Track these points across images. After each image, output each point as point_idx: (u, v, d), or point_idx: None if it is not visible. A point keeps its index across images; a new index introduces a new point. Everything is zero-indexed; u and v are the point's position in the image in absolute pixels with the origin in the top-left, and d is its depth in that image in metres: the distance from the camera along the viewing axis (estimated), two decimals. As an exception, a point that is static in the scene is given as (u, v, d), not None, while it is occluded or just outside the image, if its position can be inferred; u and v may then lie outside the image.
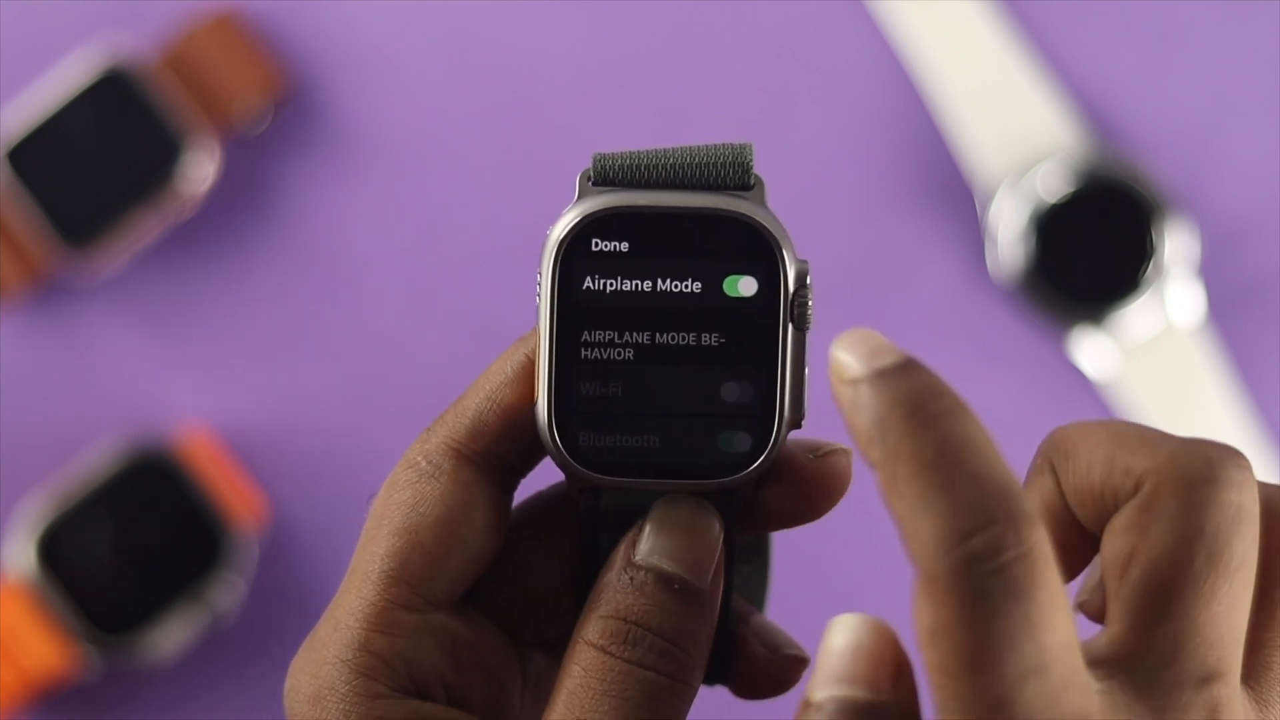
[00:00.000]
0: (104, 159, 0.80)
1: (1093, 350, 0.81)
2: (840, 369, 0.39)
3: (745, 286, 0.44)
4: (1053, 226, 0.81)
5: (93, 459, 0.80)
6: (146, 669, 0.81)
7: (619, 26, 0.82)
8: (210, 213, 0.82)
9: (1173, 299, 0.81)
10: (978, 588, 0.36)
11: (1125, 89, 0.82)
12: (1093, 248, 0.81)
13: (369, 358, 0.82)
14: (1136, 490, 0.40)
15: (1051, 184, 0.80)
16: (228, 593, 0.80)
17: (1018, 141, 0.81)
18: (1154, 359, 0.81)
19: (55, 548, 0.79)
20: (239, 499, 0.80)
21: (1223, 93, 0.82)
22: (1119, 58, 0.82)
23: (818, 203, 0.82)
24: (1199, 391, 0.81)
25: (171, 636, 0.79)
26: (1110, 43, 0.82)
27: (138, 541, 0.80)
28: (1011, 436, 0.83)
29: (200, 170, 0.81)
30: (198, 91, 0.81)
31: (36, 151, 0.80)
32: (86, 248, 0.80)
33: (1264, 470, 0.81)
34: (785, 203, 0.46)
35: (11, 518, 0.81)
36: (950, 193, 0.82)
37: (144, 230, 0.81)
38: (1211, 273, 0.82)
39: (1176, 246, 0.81)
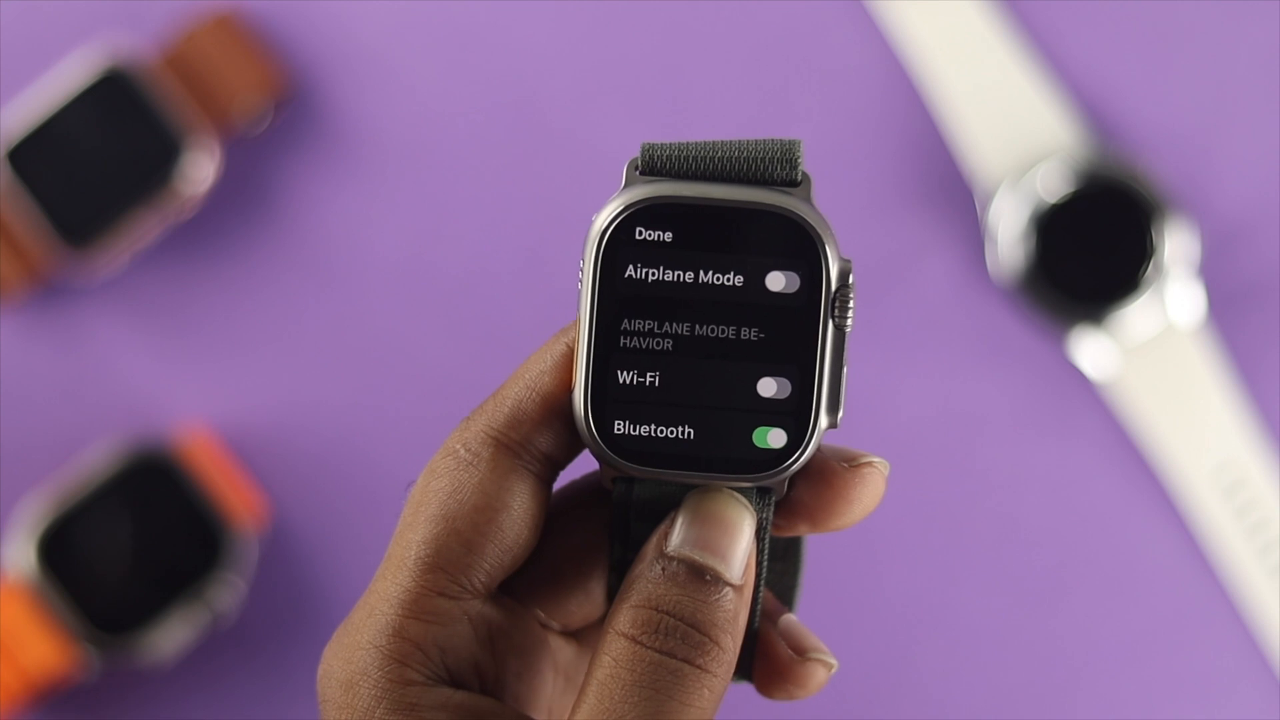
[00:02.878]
0: (104, 159, 0.80)
1: (1093, 350, 0.81)
2: None
3: (788, 282, 0.43)
4: (1053, 226, 0.81)
5: (93, 459, 0.80)
6: (146, 669, 0.81)
7: (619, 27, 0.82)
8: (210, 213, 0.82)
9: (1173, 299, 0.81)
10: None
11: (1125, 89, 0.82)
12: (1093, 248, 0.81)
13: (369, 358, 0.82)
14: None
15: (1051, 184, 0.80)
16: (228, 593, 0.80)
17: (1018, 141, 0.81)
18: (1154, 359, 0.81)
19: (55, 548, 0.79)
20: (239, 499, 0.80)
21: (1223, 93, 0.82)
22: (1119, 58, 0.82)
23: (818, 203, 0.82)
24: (1199, 391, 0.81)
25: (171, 636, 0.79)
26: (1110, 43, 0.82)
27: (138, 541, 0.80)
28: (1011, 436, 0.84)
29: (200, 170, 0.81)
30: (198, 91, 0.81)
31: (36, 151, 0.80)
32: (86, 248, 0.80)
33: (1264, 470, 0.81)
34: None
35: (11, 518, 0.81)
36: (950, 193, 0.82)
37: (144, 230, 0.81)
38: (1211, 273, 0.82)
39: (1176, 246, 0.81)
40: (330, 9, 0.83)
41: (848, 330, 0.44)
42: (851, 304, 0.43)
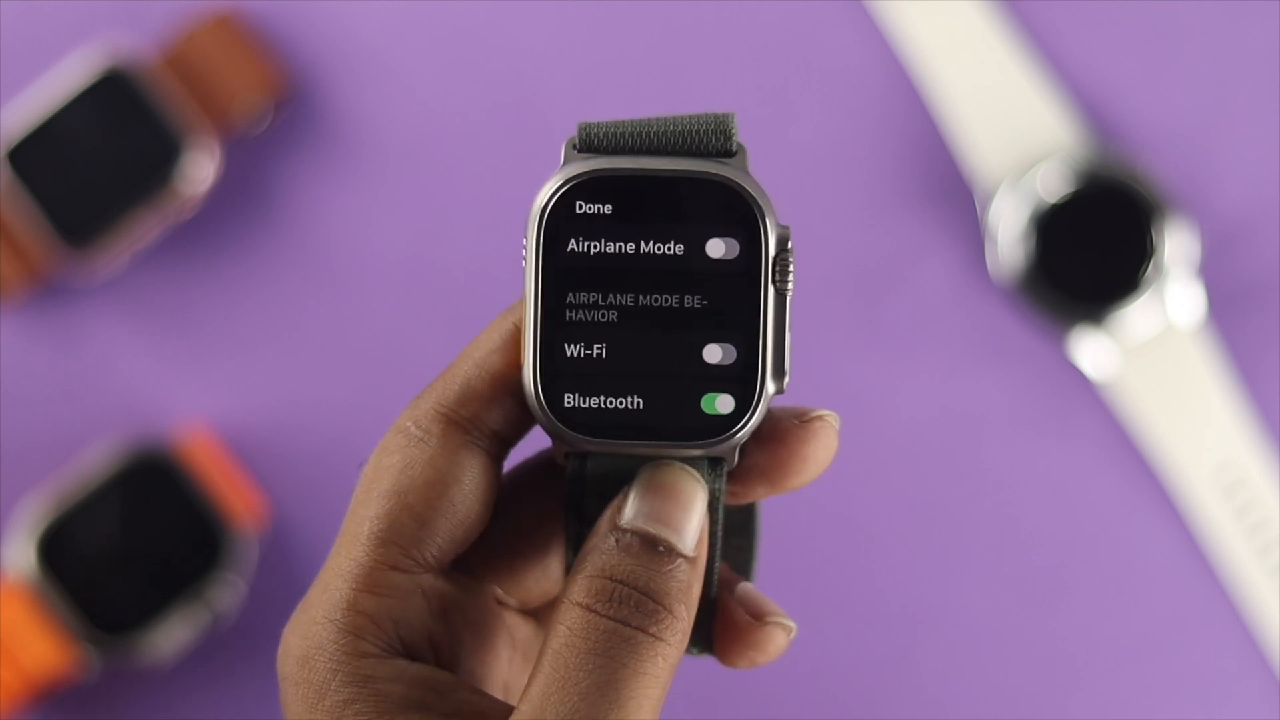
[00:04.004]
0: (104, 159, 0.80)
1: (1093, 350, 0.81)
2: None
3: (727, 249, 0.44)
4: (1053, 226, 0.81)
5: (93, 459, 0.80)
6: (146, 669, 0.81)
7: (618, 26, 0.82)
8: (210, 213, 0.82)
9: (1173, 299, 0.81)
10: None
11: (1125, 89, 0.82)
12: (1093, 248, 0.81)
13: (369, 358, 0.82)
14: None
15: (1051, 184, 0.80)
16: (228, 593, 0.80)
17: (1018, 141, 0.81)
18: (1154, 359, 0.81)
19: (55, 548, 0.79)
20: (239, 499, 0.80)
21: (1223, 93, 0.82)
22: (1119, 58, 0.82)
23: (818, 203, 0.82)
24: (1199, 391, 0.81)
25: (171, 636, 0.79)
26: (1110, 43, 0.82)
27: (138, 541, 0.80)
28: (1011, 436, 0.84)
29: (200, 170, 0.81)
30: (198, 91, 0.81)
31: (36, 151, 0.80)
32: (86, 248, 0.80)
33: (1264, 470, 0.81)
34: (785, 202, 0.46)
35: (11, 518, 0.81)
36: (950, 193, 0.82)
37: (144, 230, 0.81)
38: (1211, 273, 0.82)
39: (1176, 246, 0.81)
40: (330, 9, 0.83)
41: (789, 294, 0.44)
42: (792, 268, 0.44)
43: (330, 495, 0.82)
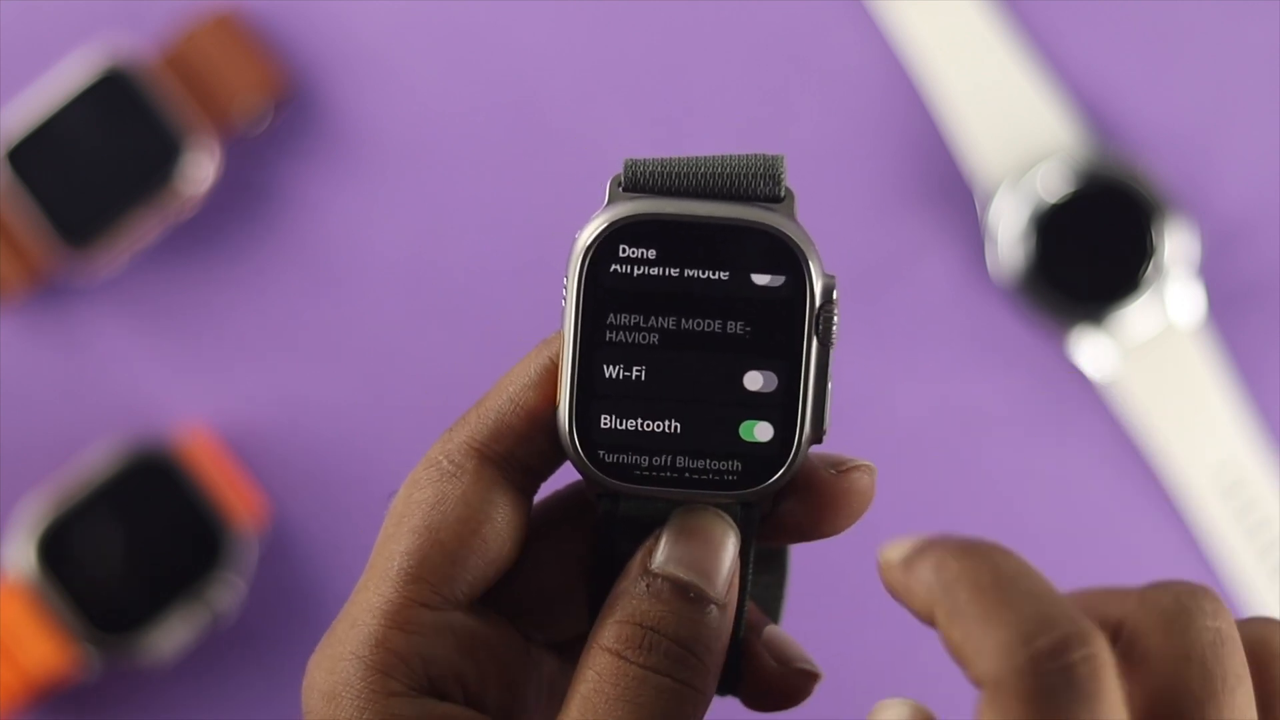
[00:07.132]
0: (104, 159, 0.80)
1: (1093, 350, 0.81)
2: (890, 558, 0.41)
3: (772, 280, 0.44)
4: (1053, 226, 0.81)
5: (93, 459, 0.80)
6: (146, 669, 0.81)
7: (619, 26, 0.82)
8: (210, 213, 0.82)
9: (1173, 299, 0.81)
10: (1045, 686, 0.37)
11: (1125, 89, 0.82)
12: (1093, 248, 0.81)
13: (369, 358, 0.82)
14: (1117, 639, 0.40)
15: (1051, 184, 0.80)
16: (228, 593, 0.80)
17: (1018, 141, 0.81)
18: (1154, 359, 0.81)
19: (55, 548, 0.79)
20: (239, 499, 0.80)
21: (1223, 93, 0.82)
22: (1119, 58, 0.82)
23: (817, 202, 0.82)
24: (1199, 391, 0.81)
25: (171, 636, 0.79)
26: (1110, 43, 0.82)
27: (138, 541, 0.80)
28: (1011, 436, 0.84)
29: (200, 170, 0.81)
30: (198, 91, 0.81)
31: (36, 151, 0.80)
32: (86, 248, 0.80)
33: (1264, 470, 0.81)
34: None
35: (11, 518, 0.81)
36: (950, 193, 0.82)
37: (144, 230, 0.81)
38: (1211, 273, 0.82)
39: (1176, 246, 0.81)
40: (330, 9, 0.83)
41: (832, 346, 0.44)
42: (836, 319, 0.44)
43: (330, 495, 0.82)
